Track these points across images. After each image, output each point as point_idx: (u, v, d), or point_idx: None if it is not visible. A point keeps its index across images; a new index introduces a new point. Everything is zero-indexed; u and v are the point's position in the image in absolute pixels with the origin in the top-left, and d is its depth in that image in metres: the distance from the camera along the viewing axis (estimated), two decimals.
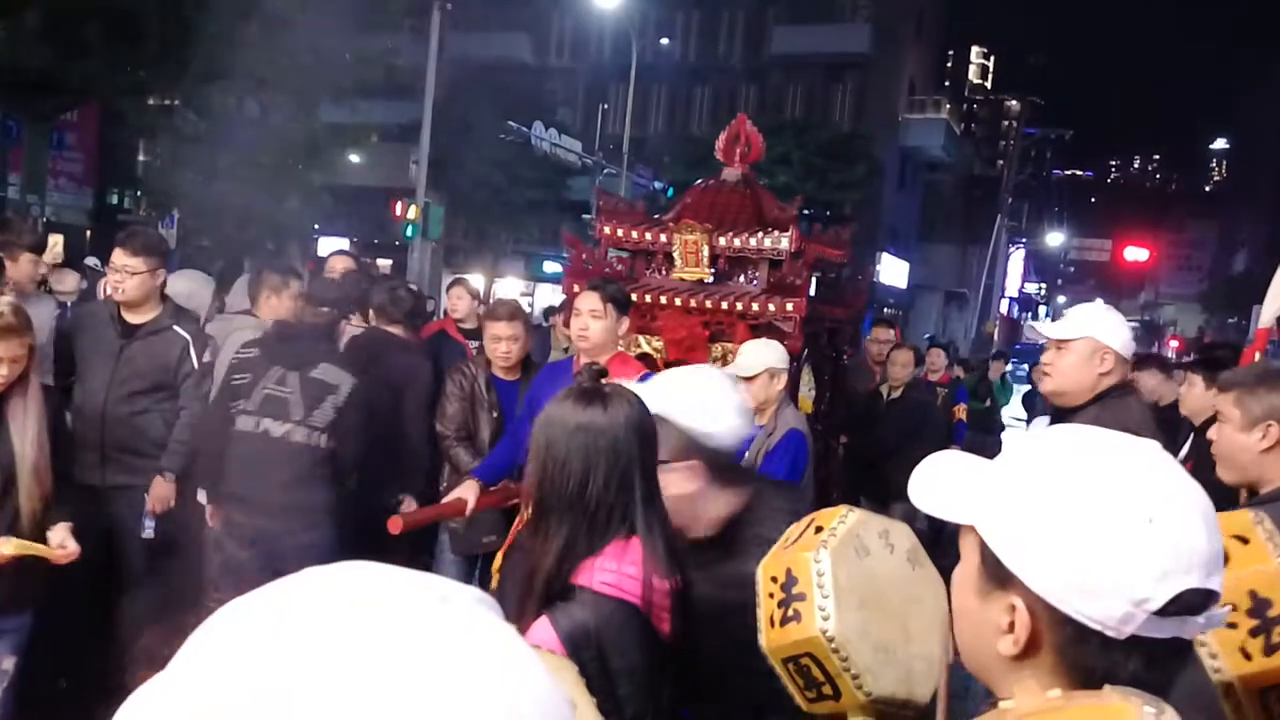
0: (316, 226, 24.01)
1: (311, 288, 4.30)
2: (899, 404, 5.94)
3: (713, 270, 4.44)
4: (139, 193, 23.21)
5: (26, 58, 14.25)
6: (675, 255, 4.45)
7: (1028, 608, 0.89)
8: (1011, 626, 0.89)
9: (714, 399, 1.87)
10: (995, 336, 28.35)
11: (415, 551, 4.96)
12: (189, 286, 4.56)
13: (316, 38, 15.72)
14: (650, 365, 4.14)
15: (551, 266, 30.19)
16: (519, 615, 1.59)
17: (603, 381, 1.75)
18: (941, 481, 1.03)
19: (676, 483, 1.81)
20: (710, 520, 1.90)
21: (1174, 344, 39.33)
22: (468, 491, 3.63)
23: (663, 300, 4.39)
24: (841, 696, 1.43)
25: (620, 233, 4.54)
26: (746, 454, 3.81)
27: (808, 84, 30.52)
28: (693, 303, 4.39)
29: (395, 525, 3.45)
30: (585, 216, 26.30)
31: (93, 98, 17.27)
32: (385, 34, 17.79)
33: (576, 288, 4.67)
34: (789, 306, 4.26)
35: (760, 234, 4.32)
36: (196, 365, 3.94)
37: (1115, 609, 0.84)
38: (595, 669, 1.48)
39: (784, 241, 4.30)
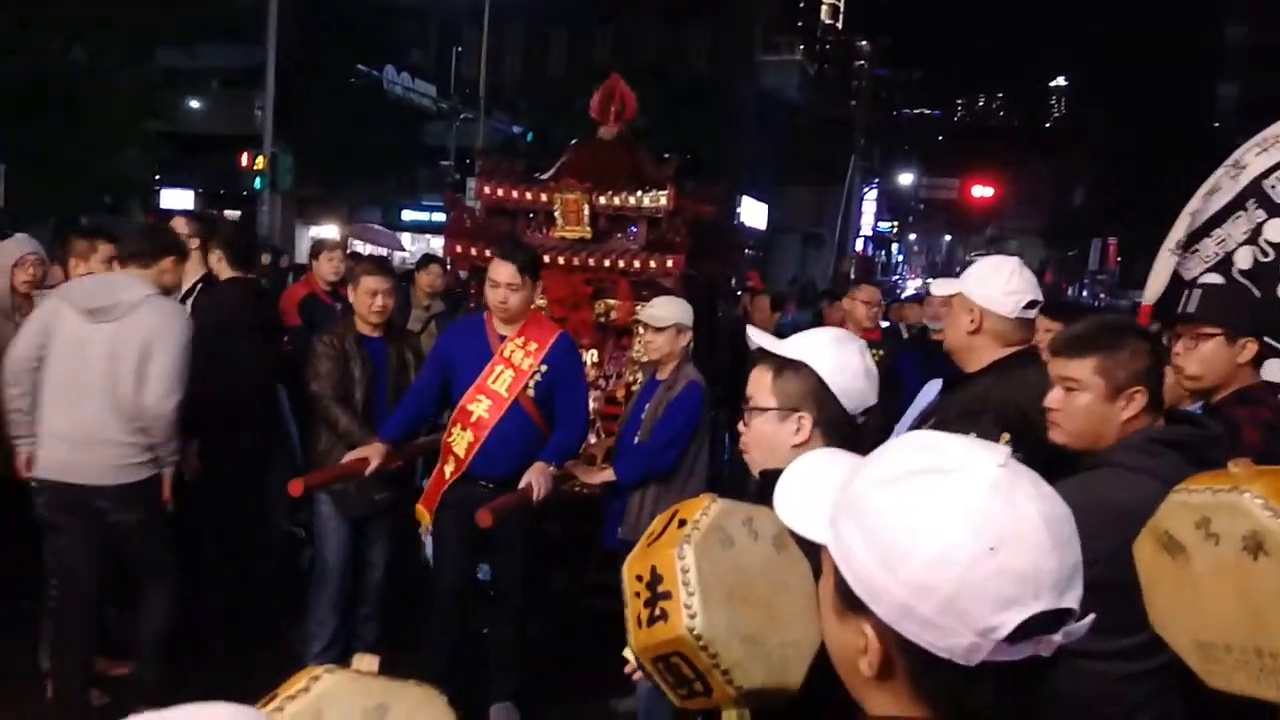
0: (158, 178, 22.67)
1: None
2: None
3: (593, 229, 4.48)
4: None
5: None
6: (556, 215, 4.46)
7: (878, 634, 0.87)
8: (866, 648, 0.88)
9: (853, 359, 1.85)
10: (852, 275, 29.33)
11: (295, 513, 4.92)
12: None
13: None
14: None
15: (410, 215, 29.41)
16: None
17: None
18: (801, 492, 1.01)
19: (784, 431, 1.84)
20: None
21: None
22: (372, 452, 3.62)
23: (545, 259, 4.41)
24: (713, 692, 1.43)
25: (501, 193, 4.52)
26: (647, 405, 3.92)
27: (662, 26, 30.40)
28: (575, 261, 4.44)
29: (297, 488, 3.44)
30: (443, 163, 25.70)
31: None
32: None
33: (460, 248, 4.65)
34: (669, 263, 4.36)
35: (639, 193, 4.38)
36: None
37: (960, 640, 0.82)
38: None
39: (662, 199, 4.38)
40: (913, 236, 69.61)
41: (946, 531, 0.82)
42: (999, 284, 2.57)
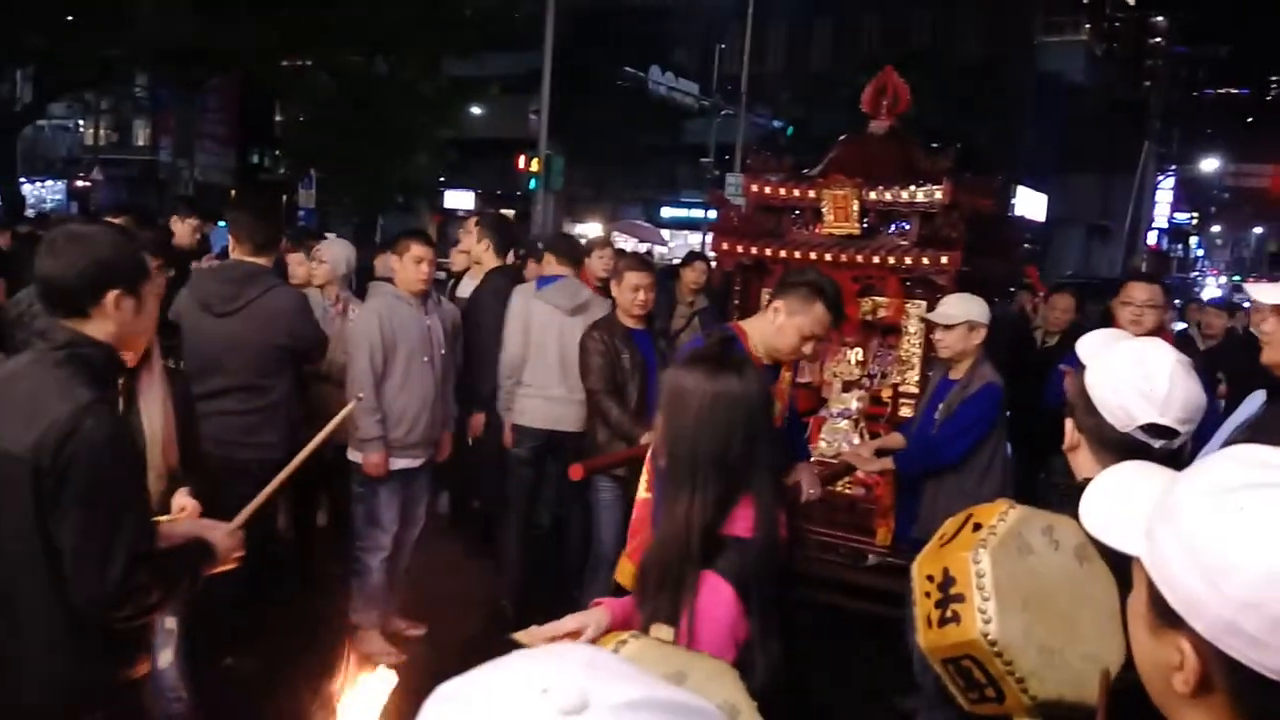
0: (443, 180, 24.57)
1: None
2: (1055, 352, 5.68)
3: (862, 224, 4.37)
4: (277, 153, 24.13)
5: (175, 29, 14.99)
6: (824, 211, 4.38)
7: (1197, 651, 0.83)
8: (1182, 665, 0.84)
9: (1126, 372, 1.66)
10: (1144, 270, 26.94)
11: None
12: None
13: None
14: None
15: (669, 212, 30.07)
16: (660, 579, 1.71)
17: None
18: (1110, 502, 0.97)
19: (1066, 430, 1.77)
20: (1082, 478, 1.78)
21: None
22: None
23: (812, 256, 4.35)
24: (1005, 699, 1.39)
25: (769, 190, 4.50)
26: (940, 405, 3.75)
27: (935, 10, 29.17)
28: (843, 258, 4.34)
29: (577, 472, 3.61)
30: (703, 160, 26.07)
31: (234, 64, 18.00)
32: None
33: (726, 245, 4.68)
34: (944, 260, 4.17)
35: (912, 187, 4.21)
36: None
37: None
38: (755, 607, 1.65)
39: (937, 194, 4.20)
40: (1215, 229, 62.92)
41: (1276, 545, 0.78)
42: None
